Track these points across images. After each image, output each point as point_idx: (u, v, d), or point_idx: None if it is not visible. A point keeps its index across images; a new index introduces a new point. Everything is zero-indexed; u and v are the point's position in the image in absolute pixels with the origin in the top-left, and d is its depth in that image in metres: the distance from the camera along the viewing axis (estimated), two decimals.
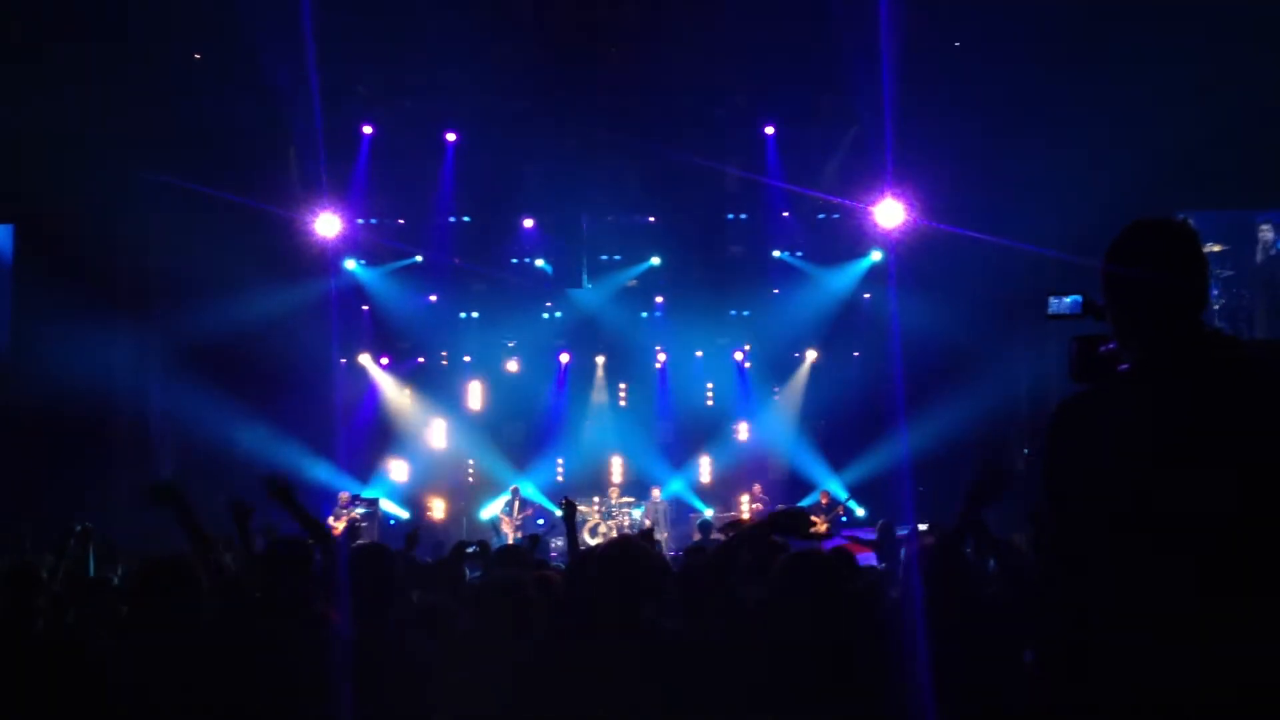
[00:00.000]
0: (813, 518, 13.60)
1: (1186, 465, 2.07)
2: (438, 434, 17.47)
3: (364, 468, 16.17)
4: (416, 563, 6.13)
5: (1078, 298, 3.00)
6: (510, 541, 12.78)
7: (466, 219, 16.44)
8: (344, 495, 14.60)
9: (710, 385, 17.83)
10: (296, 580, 3.86)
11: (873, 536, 10.42)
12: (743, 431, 17.40)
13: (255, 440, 14.11)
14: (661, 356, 17.54)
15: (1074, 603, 2.21)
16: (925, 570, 3.74)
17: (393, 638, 3.72)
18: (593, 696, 3.05)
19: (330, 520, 13.44)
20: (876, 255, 15.94)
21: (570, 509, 5.64)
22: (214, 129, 13.77)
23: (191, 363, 14.15)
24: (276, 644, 3.63)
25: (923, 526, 9.19)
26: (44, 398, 12.38)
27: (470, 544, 6.62)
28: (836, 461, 16.11)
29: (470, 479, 17.56)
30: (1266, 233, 13.93)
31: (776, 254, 16.52)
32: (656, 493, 16.22)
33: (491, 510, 16.49)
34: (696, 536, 12.46)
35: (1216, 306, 13.56)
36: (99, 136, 12.74)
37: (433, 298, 16.98)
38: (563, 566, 6.40)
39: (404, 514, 16.50)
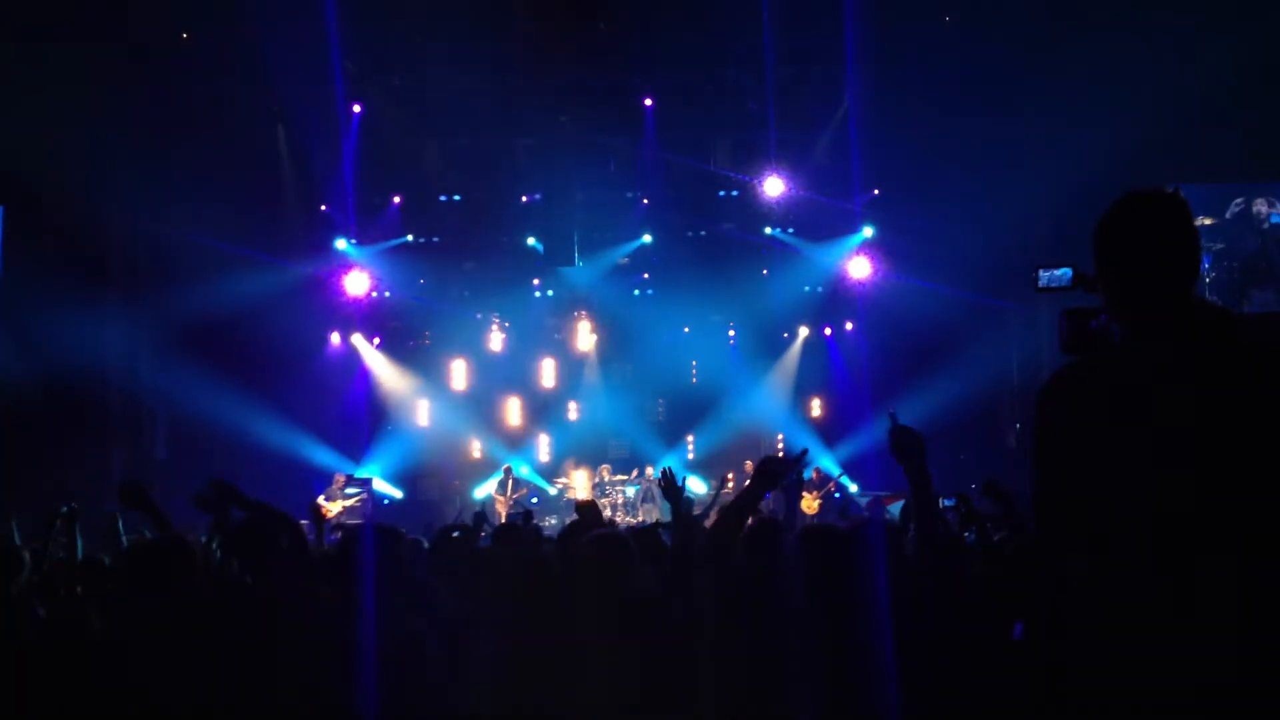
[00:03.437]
0: (805, 493, 13.67)
1: (1178, 436, 2.07)
2: (422, 414, 17.38)
3: (356, 448, 16.12)
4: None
5: (1068, 270, 2.99)
6: (503, 520, 12.78)
7: (457, 197, 16.35)
8: (340, 477, 14.56)
9: (694, 363, 17.74)
10: (273, 562, 3.84)
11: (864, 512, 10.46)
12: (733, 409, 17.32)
13: (248, 420, 14.07)
14: (655, 331, 17.46)
15: (1061, 572, 2.21)
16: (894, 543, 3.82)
17: (394, 616, 3.71)
18: (582, 666, 3.06)
19: (322, 500, 13.40)
20: (868, 231, 15.90)
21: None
22: (202, 108, 13.68)
23: (183, 342, 14.08)
24: (268, 625, 3.62)
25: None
26: (35, 379, 12.32)
27: (456, 528, 6.57)
28: (829, 437, 16.10)
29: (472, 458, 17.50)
30: (1261, 206, 13.92)
31: (768, 230, 16.46)
32: (649, 470, 16.20)
33: (485, 490, 16.48)
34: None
35: (1207, 280, 13.58)
36: (88, 117, 12.63)
37: (421, 281, 16.89)
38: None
39: (397, 493, 16.48)
